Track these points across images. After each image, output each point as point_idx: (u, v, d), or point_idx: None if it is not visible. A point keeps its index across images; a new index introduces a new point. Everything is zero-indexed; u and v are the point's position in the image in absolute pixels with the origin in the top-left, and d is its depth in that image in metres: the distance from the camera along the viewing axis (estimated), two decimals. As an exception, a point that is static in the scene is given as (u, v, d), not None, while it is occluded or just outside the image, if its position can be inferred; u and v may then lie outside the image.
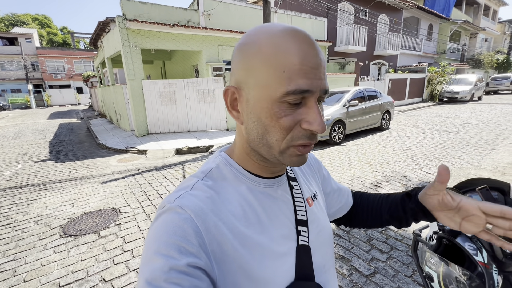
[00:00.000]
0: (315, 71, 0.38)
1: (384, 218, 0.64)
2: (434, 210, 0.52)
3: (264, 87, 0.38)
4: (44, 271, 2.19)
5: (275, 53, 0.37)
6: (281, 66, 0.37)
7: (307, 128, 0.38)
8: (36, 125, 12.27)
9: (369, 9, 13.22)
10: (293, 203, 0.50)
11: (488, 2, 24.26)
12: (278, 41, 0.37)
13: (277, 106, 0.38)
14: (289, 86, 0.36)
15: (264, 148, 0.41)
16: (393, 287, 1.90)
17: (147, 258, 0.35)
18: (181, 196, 0.41)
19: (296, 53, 0.37)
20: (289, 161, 0.41)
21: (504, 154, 4.82)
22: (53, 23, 43.81)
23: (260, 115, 0.39)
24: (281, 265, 0.43)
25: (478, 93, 14.88)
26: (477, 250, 1.04)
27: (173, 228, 0.36)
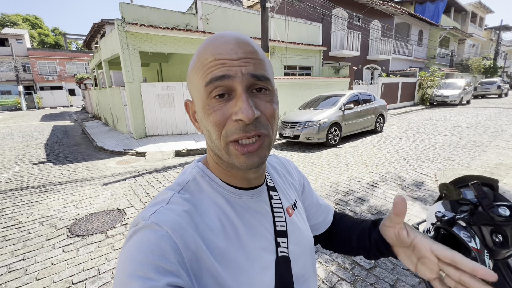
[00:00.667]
0: (234, 61, 0.37)
1: (353, 246, 0.60)
2: (394, 245, 0.49)
3: (196, 90, 0.40)
4: (55, 269, 2.23)
5: (197, 58, 0.40)
6: (200, 66, 0.39)
7: (236, 119, 0.38)
8: (29, 127, 12.09)
9: (362, 15, 13.58)
10: (272, 214, 0.49)
11: (475, 10, 25.16)
12: (200, 48, 0.41)
13: (207, 103, 0.39)
14: (206, 78, 0.38)
15: (217, 151, 0.42)
16: (393, 279, 2.02)
17: (121, 283, 0.32)
18: (156, 212, 0.39)
19: (212, 50, 0.38)
20: (238, 162, 0.40)
21: (492, 156, 5.05)
22: (44, 24, 43.17)
23: (200, 117, 0.41)
24: (260, 279, 0.42)
25: (467, 97, 15.38)
26: (471, 237, 1.17)
27: (149, 247, 0.34)
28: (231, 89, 0.38)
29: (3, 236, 2.79)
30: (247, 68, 0.38)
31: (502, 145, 5.76)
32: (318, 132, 6.06)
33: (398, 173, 4.33)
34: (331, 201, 3.39)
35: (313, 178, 4.28)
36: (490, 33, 30.51)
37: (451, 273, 0.39)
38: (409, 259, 0.47)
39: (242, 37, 0.40)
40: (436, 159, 5.03)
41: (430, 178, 4.06)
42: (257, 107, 0.39)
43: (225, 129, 0.38)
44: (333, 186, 3.88)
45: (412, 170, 4.45)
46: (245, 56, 0.38)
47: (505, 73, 32.84)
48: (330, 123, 6.22)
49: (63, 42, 34.26)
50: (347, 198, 3.46)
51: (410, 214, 2.97)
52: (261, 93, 0.40)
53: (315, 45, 11.22)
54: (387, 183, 3.92)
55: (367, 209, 3.14)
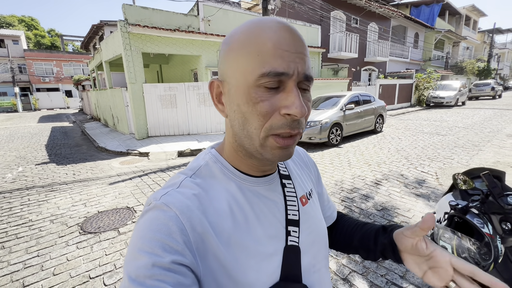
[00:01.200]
0: (292, 54, 0.37)
1: (354, 245, 0.62)
2: (405, 251, 0.50)
3: (241, 73, 0.38)
4: (71, 265, 2.27)
5: (250, 39, 0.37)
6: (256, 51, 0.36)
7: (286, 113, 0.37)
8: (27, 128, 12.00)
9: (360, 17, 13.78)
10: (284, 202, 0.49)
11: (469, 13, 25.63)
12: (253, 29, 0.38)
13: (254, 91, 0.37)
14: (263, 68, 0.36)
15: (246, 140, 0.41)
16: (402, 270, 2.10)
17: (132, 256, 0.35)
18: (167, 194, 0.40)
19: (271, 37, 0.36)
20: (271, 154, 0.40)
21: (490, 155, 5.18)
22: (40, 25, 42.89)
23: (239, 102, 0.39)
24: (266, 265, 0.43)
25: (462, 98, 15.65)
26: (484, 224, 1.25)
27: (157, 226, 0.36)
28: (284, 83, 0.37)
29: (15, 234, 2.81)
30: (302, 65, 0.38)
31: (498, 145, 5.91)
32: (320, 132, 6.15)
33: (400, 172, 4.43)
34: (337, 198, 3.47)
35: (318, 176, 4.35)
36: (484, 36, 31.09)
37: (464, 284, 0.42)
38: (417, 266, 0.48)
39: (294, 28, 0.39)
40: (436, 158, 5.14)
41: (431, 176, 4.16)
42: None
43: (270, 122, 0.38)
44: (337, 184, 3.96)
45: (413, 169, 4.55)
46: (300, 50, 0.38)
47: (498, 75, 33.46)
48: (331, 123, 6.32)
49: (60, 43, 34.07)
50: (352, 195, 3.54)
51: (414, 210, 3.06)
52: (304, 92, 0.40)
53: (314, 47, 11.35)
54: (390, 181, 4.01)
55: (372, 205, 3.22)
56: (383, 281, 1.99)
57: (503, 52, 37.55)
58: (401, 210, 3.07)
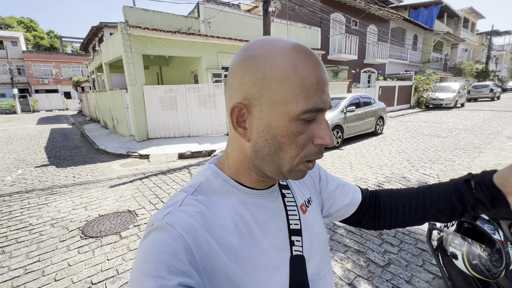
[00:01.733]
0: (326, 89, 0.39)
1: (430, 213, 0.57)
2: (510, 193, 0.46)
3: (282, 105, 0.37)
4: (73, 270, 2.24)
5: (294, 71, 0.37)
6: (300, 85, 0.37)
7: (320, 143, 0.39)
8: (26, 130, 11.95)
9: (359, 19, 13.83)
10: (285, 212, 0.49)
11: (467, 15, 25.80)
12: (294, 58, 0.37)
13: (294, 124, 0.38)
14: (308, 105, 0.37)
15: (272, 165, 0.41)
16: (407, 275, 2.08)
17: (136, 281, 0.33)
18: (170, 213, 0.39)
19: (313, 72, 0.37)
20: (295, 176, 0.42)
21: (491, 157, 5.19)
22: (39, 27, 42.87)
23: (275, 133, 0.38)
24: (274, 278, 0.43)
25: (461, 100, 15.71)
26: (495, 230, 1.24)
27: (162, 247, 0.35)
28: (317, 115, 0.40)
29: (15, 238, 2.78)
30: (329, 98, 0.41)
31: (499, 147, 5.92)
32: (321, 134, 6.14)
33: (402, 174, 4.42)
34: (340, 201, 3.45)
35: (319, 179, 4.34)
36: (482, 38, 31.28)
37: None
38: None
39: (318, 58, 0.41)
40: (437, 160, 5.14)
41: (433, 178, 4.16)
42: None
43: (305, 151, 0.40)
44: (340, 187, 3.95)
45: (415, 171, 4.55)
46: (328, 80, 0.41)
47: (496, 77, 33.65)
48: (332, 125, 6.31)
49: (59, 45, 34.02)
50: (355, 198, 3.53)
51: (418, 213, 3.05)
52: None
53: (314, 49, 11.37)
54: (392, 184, 4.00)
55: (375, 208, 3.20)
56: (388, 286, 1.97)
57: (501, 54, 37.77)
58: (404, 213, 3.05)
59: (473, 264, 1.22)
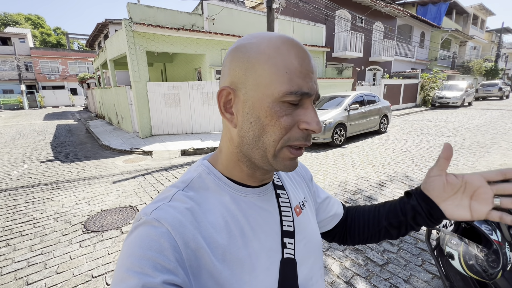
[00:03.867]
0: (312, 75, 0.40)
1: (382, 227, 0.59)
2: (441, 199, 0.49)
3: (265, 86, 0.38)
4: (74, 263, 2.28)
5: (278, 54, 0.38)
6: (284, 67, 0.37)
7: (305, 128, 0.39)
8: (33, 126, 12.14)
9: (365, 16, 13.65)
10: (279, 213, 0.48)
11: (476, 12, 25.24)
12: (279, 44, 0.39)
13: (278, 105, 0.38)
14: (291, 87, 0.37)
15: (258, 151, 0.40)
16: (406, 275, 2.07)
17: (119, 277, 0.33)
18: (158, 208, 0.39)
19: (298, 56, 0.38)
20: (282, 165, 0.41)
21: (497, 157, 5.10)
22: (46, 24, 43.31)
23: (259, 114, 0.39)
24: (262, 280, 0.42)
25: (469, 99, 15.44)
26: (492, 230, 1.22)
27: (148, 243, 0.34)
28: (303, 100, 0.40)
29: (20, 232, 2.83)
30: (317, 87, 0.41)
31: (506, 146, 5.81)
32: (324, 132, 6.11)
33: (405, 173, 4.38)
34: (341, 199, 3.44)
35: (321, 177, 4.33)
36: (491, 35, 30.60)
37: (506, 188, 0.42)
38: (460, 206, 0.47)
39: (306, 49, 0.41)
40: (441, 159, 5.07)
41: (436, 178, 4.10)
42: None
43: (289, 134, 0.39)
44: (341, 185, 3.93)
45: (418, 170, 4.50)
46: (315, 71, 0.41)
47: (506, 75, 32.95)
48: (335, 123, 6.27)
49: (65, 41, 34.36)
50: (356, 197, 3.51)
51: (419, 213, 3.02)
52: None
53: (318, 46, 11.28)
54: (394, 183, 3.96)
55: (376, 207, 3.18)
56: (386, 285, 1.96)
57: (511, 52, 36.94)
58: (405, 213, 3.03)
59: (469, 265, 1.21)
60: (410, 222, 0.54)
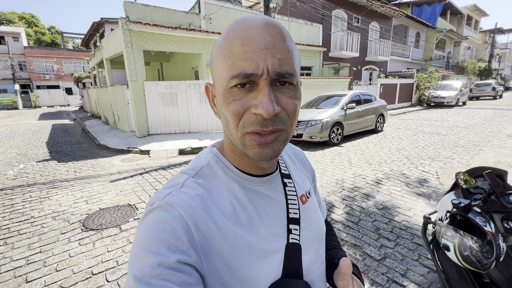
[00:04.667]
0: (261, 52, 0.36)
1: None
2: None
3: (219, 76, 0.39)
4: (74, 261, 2.28)
5: (224, 42, 0.38)
6: (228, 53, 0.37)
7: (254, 112, 0.37)
8: (28, 125, 12.01)
9: (361, 16, 13.75)
10: (285, 201, 0.50)
11: (470, 13, 25.56)
12: (228, 30, 0.38)
13: (228, 92, 0.38)
14: (234, 71, 0.36)
15: (233, 140, 0.42)
16: (403, 269, 2.11)
17: (136, 256, 0.35)
18: (171, 193, 0.41)
19: (240, 36, 0.36)
20: (252, 153, 0.40)
21: (491, 155, 5.19)
22: (41, 23, 42.78)
23: (219, 103, 0.41)
24: (268, 263, 0.43)
25: (463, 98, 15.63)
26: (486, 222, 1.26)
27: (162, 226, 0.36)
28: (255, 82, 0.37)
29: (18, 230, 2.82)
30: (273, 63, 0.36)
31: (499, 145, 5.91)
32: (321, 131, 6.15)
33: (401, 171, 4.44)
34: (338, 197, 3.48)
35: (319, 175, 4.36)
36: (485, 36, 31.02)
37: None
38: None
39: (272, 21, 0.38)
40: (436, 157, 5.15)
41: (432, 176, 4.17)
42: (278, 102, 0.38)
43: (243, 120, 0.38)
44: (338, 183, 3.97)
45: (414, 168, 4.56)
46: (271, 47, 0.36)
47: (499, 75, 33.42)
48: (332, 122, 6.32)
49: (60, 40, 34.00)
50: (353, 194, 3.55)
51: (415, 209, 3.07)
52: (285, 87, 0.39)
53: (315, 46, 11.34)
54: (391, 180, 4.02)
55: (373, 204, 3.23)
56: (384, 279, 2.00)
57: (504, 52, 37.49)
58: (401, 209, 3.08)
59: (464, 256, 1.24)
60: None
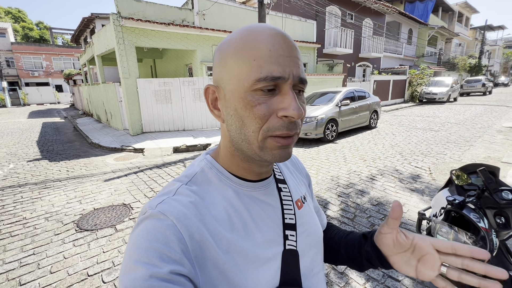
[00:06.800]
0: (287, 58, 0.38)
1: (340, 256, 0.60)
2: (390, 254, 0.49)
3: (237, 78, 0.38)
4: (68, 263, 2.25)
5: (245, 45, 0.38)
6: (251, 56, 0.37)
7: (283, 115, 0.38)
8: (17, 124, 11.71)
9: (355, 13, 13.77)
10: (281, 206, 0.49)
11: (461, 10, 25.89)
12: (247, 34, 0.39)
13: (250, 95, 0.38)
14: (260, 73, 0.37)
15: (244, 144, 0.41)
16: (398, 264, 2.15)
17: (127, 268, 0.34)
18: (163, 202, 0.40)
19: (266, 42, 0.37)
20: (271, 156, 0.40)
21: (481, 150, 5.31)
22: (28, 18, 41.53)
23: (236, 106, 0.39)
24: (265, 270, 0.43)
25: (454, 94, 15.89)
26: (480, 218, 1.29)
27: (154, 235, 0.35)
28: (280, 86, 0.38)
29: (9, 232, 2.76)
30: (296, 69, 0.38)
31: (489, 140, 6.05)
32: (316, 128, 6.18)
33: (394, 167, 4.50)
34: (334, 193, 3.51)
35: (314, 172, 4.39)
36: (475, 32, 31.49)
37: (453, 261, 0.41)
38: (407, 264, 0.46)
39: (287, 34, 0.40)
40: (429, 153, 5.24)
41: (425, 171, 4.24)
42: None
43: (268, 124, 0.38)
44: (334, 180, 4.00)
45: (407, 164, 4.63)
46: (294, 54, 0.39)
47: (489, 72, 34.07)
48: (327, 119, 6.35)
49: (49, 36, 33.13)
50: (348, 190, 3.59)
51: (409, 205, 3.12)
52: (299, 94, 0.41)
53: (309, 42, 11.32)
54: (385, 176, 4.07)
55: (368, 200, 3.27)
56: (379, 274, 2.03)
57: (494, 49, 38.17)
58: (396, 205, 3.12)
59: (458, 251, 1.27)
60: (365, 263, 0.55)
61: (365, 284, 1.94)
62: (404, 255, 0.47)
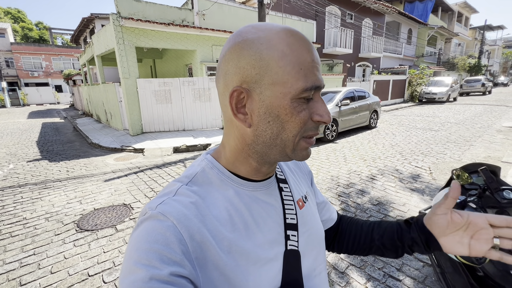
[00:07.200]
0: (319, 67, 0.41)
1: (375, 244, 0.61)
2: (442, 235, 0.50)
3: (282, 85, 0.38)
4: (69, 263, 2.24)
5: (291, 50, 0.38)
6: (298, 63, 0.38)
7: (318, 120, 0.41)
8: (17, 124, 11.70)
9: (355, 13, 13.78)
10: (282, 206, 0.49)
11: (461, 10, 25.91)
12: (288, 38, 0.38)
13: (296, 102, 0.39)
14: (307, 83, 0.38)
15: (276, 148, 0.41)
16: (398, 263, 2.15)
17: (127, 269, 0.34)
18: (163, 202, 0.39)
19: (308, 51, 0.39)
20: (300, 156, 0.43)
21: (481, 149, 5.31)
22: (28, 18, 41.50)
23: (279, 113, 0.39)
24: (266, 271, 0.42)
25: (454, 94, 15.91)
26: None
27: (154, 237, 0.35)
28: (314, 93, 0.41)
29: (9, 232, 2.76)
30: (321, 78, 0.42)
31: (489, 140, 6.05)
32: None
33: (394, 167, 4.50)
34: (334, 193, 3.51)
35: (314, 171, 4.39)
36: (475, 32, 31.51)
37: (506, 233, 0.44)
38: (459, 243, 0.48)
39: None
40: (429, 153, 5.24)
41: (425, 171, 4.25)
42: None
43: (305, 127, 0.41)
44: (334, 179, 4.01)
45: (407, 164, 4.63)
46: (320, 63, 0.42)
47: (488, 72, 34.11)
48: (327, 119, 6.35)
49: (48, 36, 33.10)
50: (348, 190, 3.59)
51: (409, 204, 3.13)
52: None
53: (309, 42, 11.31)
54: (385, 176, 4.07)
55: (368, 200, 3.27)
56: (380, 274, 2.03)
57: (493, 49, 38.21)
58: (396, 205, 3.13)
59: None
60: (406, 249, 0.56)
61: (366, 283, 1.95)
62: (456, 234, 0.48)
